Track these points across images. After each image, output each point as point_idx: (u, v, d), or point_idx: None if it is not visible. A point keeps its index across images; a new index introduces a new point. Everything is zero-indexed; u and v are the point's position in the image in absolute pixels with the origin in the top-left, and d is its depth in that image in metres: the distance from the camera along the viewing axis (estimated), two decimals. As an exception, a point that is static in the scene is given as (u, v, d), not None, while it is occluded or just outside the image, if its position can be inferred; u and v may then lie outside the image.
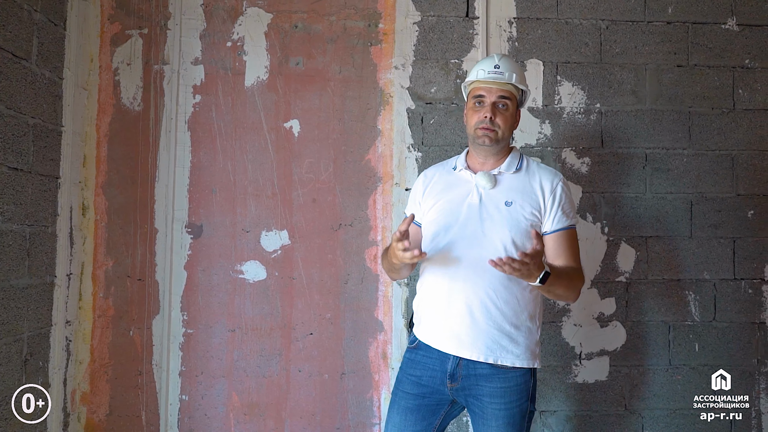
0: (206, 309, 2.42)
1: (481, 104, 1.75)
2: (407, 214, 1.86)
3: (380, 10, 2.49)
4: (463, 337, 1.67)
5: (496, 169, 1.78)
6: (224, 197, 2.44)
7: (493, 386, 1.68)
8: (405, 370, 1.80)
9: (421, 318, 1.79)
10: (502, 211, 1.70)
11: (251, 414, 2.43)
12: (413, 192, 1.91)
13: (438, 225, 1.75)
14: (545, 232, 1.73)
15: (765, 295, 2.53)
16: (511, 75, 1.75)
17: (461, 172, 1.81)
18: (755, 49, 2.55)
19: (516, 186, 1.75)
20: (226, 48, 2.46)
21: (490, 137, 1.73)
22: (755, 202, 2.53)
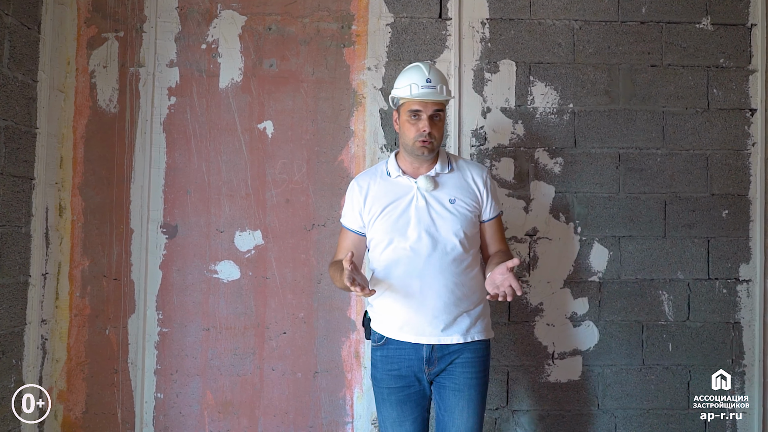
0: (181, 308, 2.45)
1: (417, 118, 1.85)
2: (344, 223, 1.99)
3: (353, 12, 2.51)
4: (442, 326, 1.81)
5: (433, 171, 1.91)
6: (199, 198, 2.47)
7: (464, 357, 1.84)
8: (381, 367, 1.89)
9: (391, 317, 1.87)
10: (449, 208, 1.86)
11: (225, 412, 2.45)
12: (350, 201, 1.96)
13: (391, 230, 1.85)
14: (484, 220, 1.95)
15: (739, 295, 2.52)
16: (442, 88, 1.86)
17: (399, 178, 1.91)
18: (730, 49, 2.54)
19: (454, 184, 1.91)
20: (201, 50, 2.49)
21: (428, 148, 1.85)
22: (729, 201, 2.53)
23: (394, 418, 1.87)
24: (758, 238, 2.52)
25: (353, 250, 1.91)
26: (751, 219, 2.53)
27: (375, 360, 1.92)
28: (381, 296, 1.88)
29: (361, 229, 1.95)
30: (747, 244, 2.53)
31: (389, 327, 1.87)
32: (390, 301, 1.86)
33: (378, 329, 1.91)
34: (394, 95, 1.92)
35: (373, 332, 1.93)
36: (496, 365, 2.47)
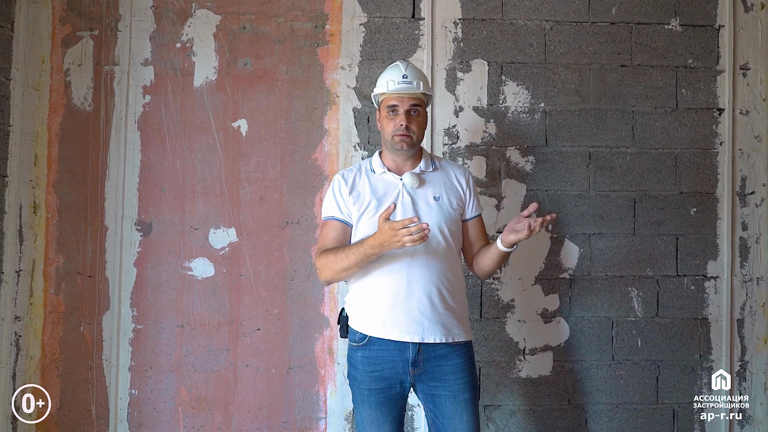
0: (155, 305, 2.47)
1: (395, 113, 1.89)
2: (330, 214, 1.93)
3: (327, 12, 2.54)
4: (426, 324, 1.81)
5: (418, 169, 1.94)
6: (173, 195, 2.49)
7: (453, 363, 1.84)
8: (362, 368, 1.86)
9: (373, 314, 1.84)
10: (433, 205, 1.89)
11: (199, 408, 2.47)
12: (334, 193, 1.94)
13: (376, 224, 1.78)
14: (466, 218, 1.98)
15: (707, 292, 2.57)
16: (419, 83, 1.90)
17: (384, 174, 1.94)
18: (698, 49, 2.58)
19: (438, 182, 1.94)
20: (176, 49, 2.51)
21: (407, 142, 1.88)
22: (698, 199, 2.57)
23: (374, 419, 1.85)
24: (725, 235, 2.56)
25: (343, 239, 1.89)
26: (718, 217, 2.57)
27: (355, 360, 1.89)
28: (363, 293, 1.87)
29: (348, 218, 1.91)
30: (715, 242, 2.57)
31: (371, 324, 1.84)
32: (373, 297, 1.85)
33: (359, 328, 1.87)
34: (374, 93, 1.97)
35: (352, 331, 1.90)
36: (468, 361, 2.49)
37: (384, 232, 1.65)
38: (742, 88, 2.59)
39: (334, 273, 1.84)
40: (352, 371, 1.91)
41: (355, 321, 1.90)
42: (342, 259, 1.80)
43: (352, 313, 1.92)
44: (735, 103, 2.58)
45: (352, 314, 1.92)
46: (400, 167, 1.95)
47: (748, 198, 2.58)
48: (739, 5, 2.60)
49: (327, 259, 1.85)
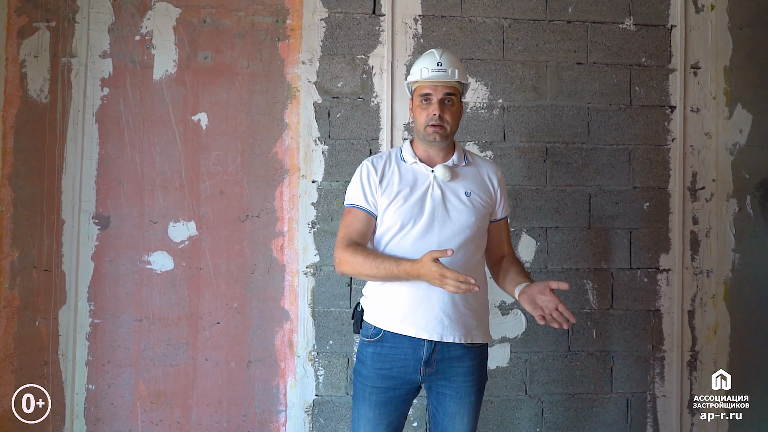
0: (113, 299, 2.45)
1: (428, 102, 1.81)
2: (356, 203, 1.84)
3: (288, 7, 2.55)
4: (446, 322, 1.74)
5: (451, 161, 1.86)
6: (132, 189, 2.47)
7: (465, 366, 1.79)
8: (371, 365, 1.80)
9: (392, 309, 1.78)
10: (464, 200, 1.82)
11: (158, 402, 2.46)
12: (363, 181, 1.84)
13: (404, 217, 1.78)
14: (495, 219, 1.91)
15: (660, 284, 2.64)
16: (454, 71, 1.81)
17: (415, 164, 1.85)
18: (651, 48, 2.66)
19: (470, 177, 1.87)
20: (135, 42, 2.49)
21: (440, 134, 1.80)
22: (650, 194, 2.64)
23: (369, 419, 1.79)
24: (677, 229, 2.64)
25: (367, 232, 1.83)
26: (670, 211, 2.65)
27: (364, 356, 1.82)
28: (384, 286, 1.79)
29: (374, 209, 1.83)
30: (667, 235, 2.64)
31: (389, 319, 1.77)
32: (394, 291, 1.77)
33: (375, 322, 1.81)
34: (408, 81, 1.91)
35: (366, 326, 1.83)
36: (427, 353, 2.52)
37: (430, 271, 1.56)
38: (693, 87, 2.67)
39: (356, 273, 1.77)
40: (358, 367, 1.84)
41: (372, 315, 1.83)
42: (371, 267, 1.71)
43: (368, 307, 1.85)
44: (686, 100, 2.66)
45: (368, 308, 1.85)
46: (432, 158, 1.87)
47: (698, 193, 2.66)
48: (691, 6, 2.68)
49: (354, 258, 1.74)
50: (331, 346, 2.51)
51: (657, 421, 2.62)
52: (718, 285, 2.66)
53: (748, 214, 2.66)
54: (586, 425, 2.60)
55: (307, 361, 2.51)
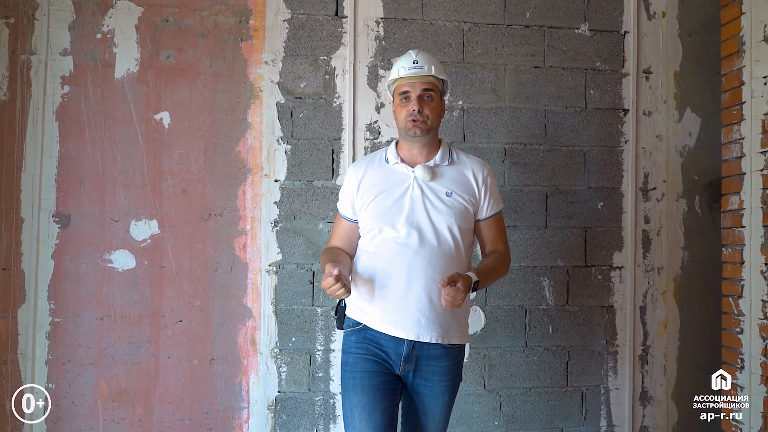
0: (74, 297, 2.45)
1: (408, 99, 1.85)
2: (339, 209, 1.96)
3: (251, 7, 2.57)
4: (423, 321, 1.77)
5: (432, 162, 1.88)
6: (93, 187, 2.47)
7: (443, 365, 1.82)
8: (355, 351, 1.83)
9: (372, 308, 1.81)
10: (445, 201, 1.83)
11: (119, 401, 2.47)
12: (345, 187, 1.94)
13: (383, 218, 1.81)
14: (480, 219, 1.92)
15: (613, 281, 2.73)
16: (430, 67, 1.85)
17: (396, 165, 1.88)
18: (605, 53, 2.75)
19: (452, 177, 1.88)
20: (96, 40, 2.49)
21: (420, 128, 1.82)
22: (604, 194, 2.73)
23: (364, 405, 1.78)
24: (630, 228, 2.73)
25: (346, 237, 1.92)
26: (623, 211, 2.74)
27: (348, 345, 1.86)
28: (363, 285, 1.83)
29: (353, 216, 1.91)
30: (620, 234, 2.74)
31: (370, 316, 1.81)
32: (374, 290, 1.81)
33: (356, 316, 1.85)
34: (387, 83, 1.96)
35: (348, 320, 1.88)
36: (389, 349, 2.57)
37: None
38: (645, 91, 2.77)
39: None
40: (344, 357, 1.87)
41: (353, 309, 1.87)
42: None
43: (351, 302, 1.89)
44: (639, 104, 2.76)
45: (352, 304, 1.88)
46: (414, 158, 1.89)
47: (650, 193, 2.76)
48: (643, 13, 2.78)
49: (322, 259, 1.88)
50: (293, 343, 2.54)
51: (610, 413, 2.72)
52: (668, 282, 2.76)
53: (697, 213, 2.78)
54: (543, 418, 2.68)
55: (269, 358, 2.54)
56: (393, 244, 1.79)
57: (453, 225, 1.81)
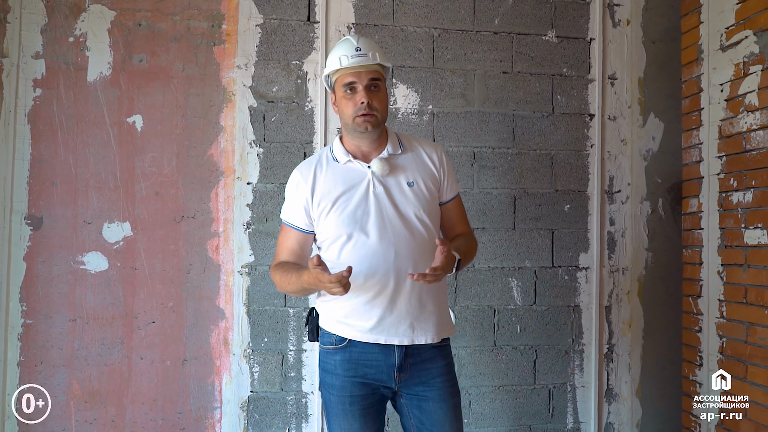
0: (46, 299, 2.46)
1: (353, 91, 1.70)
2: (286, 220, 1.80)
3: (223, 12, 2.60)
4: (416, 324, 1.69)
5: (385, 152, 1.76)
6: (65, 189, 2.49)
7: (439, 365, 1.74)
8: (342, 373, 1.72)
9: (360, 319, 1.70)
10: (408, 192, 1.73)
11: (92, 402, 2.48)
12: (293, 194, 1.79)
13: (350, 224, 1.69)
14: (443, 202, 1.82)
15: (579, 281, 2.81)
16: (375, 54, 1.72)
17: (349, 163, 1.75)
18: (571, 59, 2.82)
19: (409, 165, 1.77)
20: (69, 43, 2.51)
21: (371, 123, 1.70)
22: (571, 197, 2.81)
23: (357, 429, 1.70)
24: (595, 229, 2.81)
25: (298, 250, 1.77)
26: (589, 213, 2.82)
27: (331, 365, 1.73)
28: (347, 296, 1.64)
29: (307, 227, 1.76)
30: (586, 235, 2.82)
31: (354, 328, 1.69)
32: (360, 301, 1.69)
33: (338, 331, 1.72)
34: (326, 73, 1.78)
35: (327, 334, 1.75)
36: (360, 349, 2.62)
37: (312, 277, 1.54)
38: (610, 96, 2.85)
39: (286, 292, 1.77)
40: (327, 378, 1.74)
41: (333, 323, 1.74)
42: (287, 284, 1.70)
43: (326, 314, 1.76)
44: (604, 109, 2.83)
45: (326, 315, 1.76)
46: (365, 153, 1.76)
47: (615, 196, 2.84)
48: (608, 21, 2.86)
49: (275, 277, 1.74)
50: (266, 343, 2.58)
51: (577, 410, 2.79)
52: (632, 282, 2.85)
53: (660, 215, 2.86)
54: (511, 415, 2.75)
55: (242, 359, 2.57)
56: (368, 249, 1.67)
57: (423, 215, 1.72)
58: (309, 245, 1.81)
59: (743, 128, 2.33)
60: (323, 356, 1.77)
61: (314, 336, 1.79)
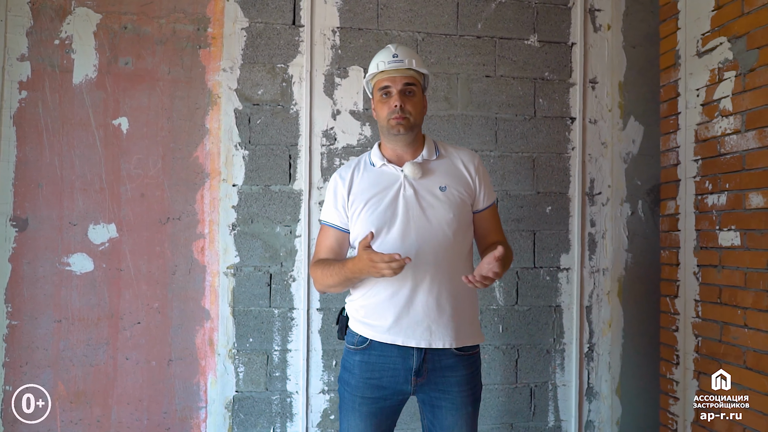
0: (31, 301, 2.47)
1: (388, 95, 1.78)
2: (326, 220, 1.86)
3: (209, 15, 2.63)
4: (434, 328, 1.70)
5: (420, 157, 1.81)
6: (51, 191, 2.50)
7: (459, 375, 1.75)
8: (359, 374, 1.76)
9: (379, 318, 1.74)
10: (440, 197, 1.75)
11: (77, 402, 2.50)
12: (332, 195, 1.85)
13: (378, 223, 1.74)
14: (478, 210, 1.84)
15: (560, 282, 2.86)
16: (411, 61, 1.78)
17: (384, 166, 1.81)
18: (553, 63, 2.87)
19: (443, 170, 1.80)
20: (54, 46, 2.52)
21: (403, 125, 1.75)
22: (552, 199, 2.86)
23: (360, 430, 1.75)
24: (576, 231, 2.86)
25: (337, 248, 1.82)
26: (570, 214, 2.87)
27: (351, 364, 1.79)
28: (366, 293, 1.76)
29: (344, 225, 1.82)
30: (567, 237, 2.87)
31: (374, 328, 1.74)
32: (377, 298, 1.74)
33: (360, 331, 1.77)
34: (366, 79, 1.89)
35: (351, 333, 1.81)
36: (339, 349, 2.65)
37: (363, 260, 1.56)
38: (591, 100, 2.90)
39: (325, 288, 1.78)
40: (346, 376, 1.80)
41: (356, 323, 1.79)
42: (328, 277, 1.74)
43: (353, 314, 1.82)
44: (585, 112, 2.88)
45: (353, 315, 1.82)
46: (400, 157, 1.81)
47: (596, 198, 2.89)
48: (590, 26, 2.91)
49: (316, 273, 1.78)
50: (251, 343, 2.61)
51: (558, 408, 2.84)
52: (612, 282, 2.90)
53: (640, 217, 2.92)
54: (494, 414, 2.79)
55: (227, 359, 2.60)
56: (389, 248, 1.71)
57: (452, 221, 1.73)
58: (347, 245, 1.86)
59: (718, 132, 2.39)
60: (345, 354, 1.84)
61: (342, 334, 1.86)
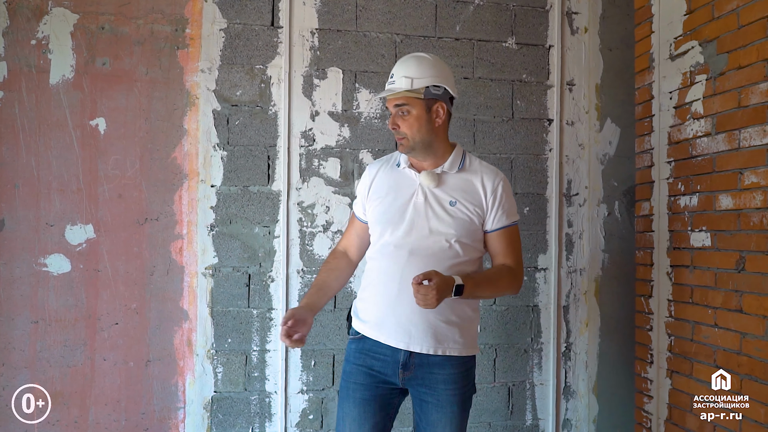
0: (7, 301, 2.47)
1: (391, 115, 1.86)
2: (354, 209, 2.00)
3: (187, 16, 2.63)
4: (413, 332, 1.73)
5: (440, 168, 1.82)
6: (27, 192, 2.49)
7: (446, 373, 1.76)
8: (353, 361, 1.83)
9: (368, 315, 1.82)
10: (447, 210, 1.77)
11: (55, 403, 2.50)
12: (359, 188, 1.97)
13: (383, 221, 1.81)
14: (487, 231, 1.83)
15: (538, 282, 2.89)
16: (401, 81, 1.77)
17: (405, 170, 1.85)
18: (531, 66, 2.90)
19: (459, 185, 1.81)
20: (31, 46, 2.51)
21: (403, 145, 1.81)
22: (530, 200, 2.88)
23: (354, 417, 1.77)
24: (553, 231, 2.89)
25: (357, 238, 1.95)
26: (548, 215, 2.90)
27: (348, 353, 1.86)
28: (363, 292, 1.86)
29: (364, 217, 1.92)
30: (544, 237, 2.90)
31: (366, 324, 1.81)
32: (370, 297, 1.82)
33: (355, 326, 1.86)
34: None
35: (353, 326, 1.89)
36: (323, 349, 2.68)
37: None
38: (568, 102, 2.93)
39: None
40: (345, 365, 1.87)
41: (354, 317, 1.89)
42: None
43: (354, 309, 1.91)
44: (562, 114, 2.91)
45: (353, 310, 1.91)
46: (420, 164, 1.85)
47: (573, 199, 2.93)
48: (567, 28, 2.94)
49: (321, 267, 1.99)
50: (229, 344, 2.62)
51: (535, 407, 2.87)
52: (589, 282, 2.93)
53: (616, 217, 2.95)
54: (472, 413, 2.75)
55: (205, 359, 2.60)
56: (390, 249, 1.77)
57: (452, 236, 1.75)
58: (367, 234, 1.93)
59: (690, 135, 2.43)
60: (347, 346, 1.90)
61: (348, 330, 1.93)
